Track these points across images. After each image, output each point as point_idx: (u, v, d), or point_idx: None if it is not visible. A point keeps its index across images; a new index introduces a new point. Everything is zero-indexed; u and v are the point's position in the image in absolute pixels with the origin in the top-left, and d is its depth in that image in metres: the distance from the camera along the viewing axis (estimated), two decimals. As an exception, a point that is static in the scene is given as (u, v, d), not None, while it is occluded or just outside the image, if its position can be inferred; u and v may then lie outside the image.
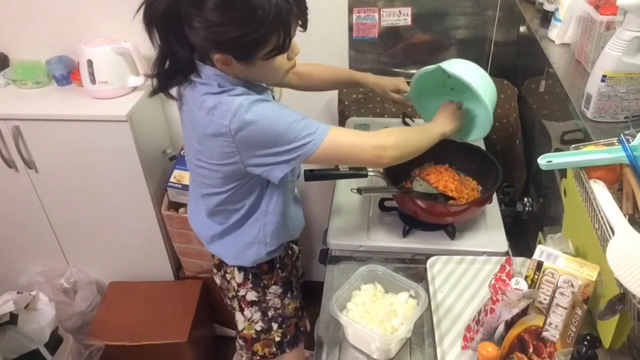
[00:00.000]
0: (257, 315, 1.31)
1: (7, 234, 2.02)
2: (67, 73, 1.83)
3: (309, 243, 2.17)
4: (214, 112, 0.97)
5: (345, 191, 1.42)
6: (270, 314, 1.31)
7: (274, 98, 1.14)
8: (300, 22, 0.97)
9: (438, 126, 1.24)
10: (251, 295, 1.28)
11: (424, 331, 1.07)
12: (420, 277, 1.19)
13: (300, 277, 1.48)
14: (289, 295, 1.33)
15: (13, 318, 1.70)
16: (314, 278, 2.28)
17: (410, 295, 1.07)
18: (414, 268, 1.23)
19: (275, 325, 1.32)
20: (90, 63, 1.67)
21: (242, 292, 1.28)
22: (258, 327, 1.32)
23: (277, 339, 1.33)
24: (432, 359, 1.01)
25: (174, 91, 1.07)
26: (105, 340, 1.88)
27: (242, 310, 1.31)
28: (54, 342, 1.78)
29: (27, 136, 1.74)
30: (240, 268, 1.26)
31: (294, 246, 1.40)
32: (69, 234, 1.99)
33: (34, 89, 1.83)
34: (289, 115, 1.00)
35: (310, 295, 1.52)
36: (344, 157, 1.10)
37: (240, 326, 1.34)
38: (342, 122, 1.80)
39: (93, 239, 1.99)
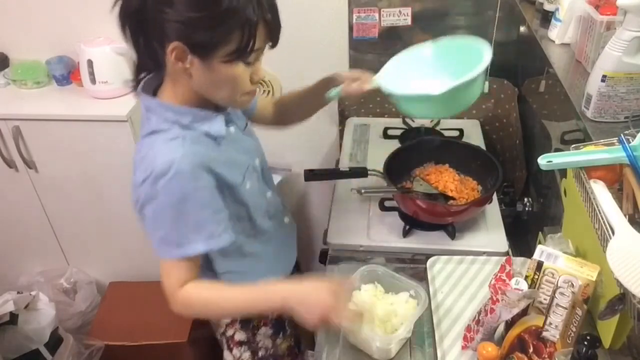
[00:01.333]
0: (247, 355, 1.24)
1: (7, 234, 2.02)
2: (67, 73, 1.83)
3: (309, 243, 2.17)
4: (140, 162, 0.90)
5: (345, 191, 1.42)
6: (260, 354, 1.25)
7: (246, 125, 1.09)
8: (269, 36, 0.90)
9: (277, 301, 0.94)
10: (240, 336, 1.23)
11: (424, 331, 1.07)
12: (420, 277, 1.19)
13: None
14: (280, 335, 1.26)
15: (13, 318, 1.70)
16: (314, 278, 2.28)
17: (411, 295, 1.07)
18: (414, 268, 1.23)
19: None
20: (90, 63, 1.67)
21: (230, 332, 1.22)
22: None
23: None
24: (432, 359, 1.01)
25: None
26: (105, 340, 1.88)
27: (230, 349, 1.25)
28: (54, 342, 1.78)
29: (27, 136, 1.74)
30: None
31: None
32: (69, 234, 1.99)
33: (34, 89, 1.83)
34: (194, 209, 0.90)
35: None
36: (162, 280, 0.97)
37: None
38: (342, 122, 1.80)
39: (93, 239, 1.99)
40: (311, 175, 1.31)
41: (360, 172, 1.32)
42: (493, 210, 1.36)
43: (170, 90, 0.94)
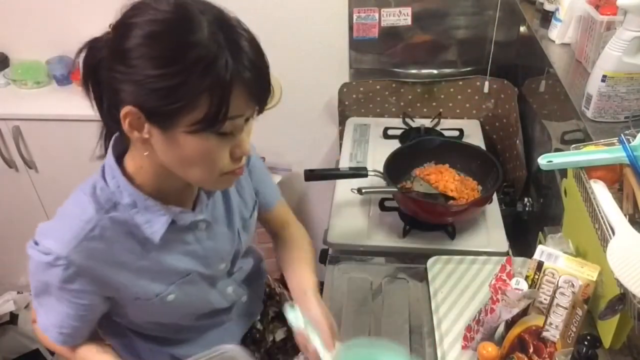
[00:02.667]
0: None
1: (7, 233, 2.02)
2: (67, 73, 1.83)
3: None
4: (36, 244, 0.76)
5: (345, 191, 1.41)
6: None
7: (251, 215, 0.97)
8: (252, 99, 0.69)
9: None
10: None
11: (423, 331, 1.07)
12: (421, 277, 1.19)
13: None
14: None
15: (13, 318, 1.70)
16: (314, 278, 2.28)
17: None
18: (414, 268, 1.23)
19: None
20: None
21: None
22: None
23: None
24: (432, 359, 1.01)
25: None
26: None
27: None
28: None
29: (27, 136, 1.74)
30: None
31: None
32: (69, 234, 1.99)
33: (34, 89, 1.83)
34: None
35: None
36: None
37: None
38: (342, 122, 1.80)
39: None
40: (311, 175, 1.30)
41: (360, 172, 1.32)
42: (493, 210, 1.36)
43: (131, 159, 0.79)
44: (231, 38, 0.66)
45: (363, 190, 1.27)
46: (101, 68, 0.70)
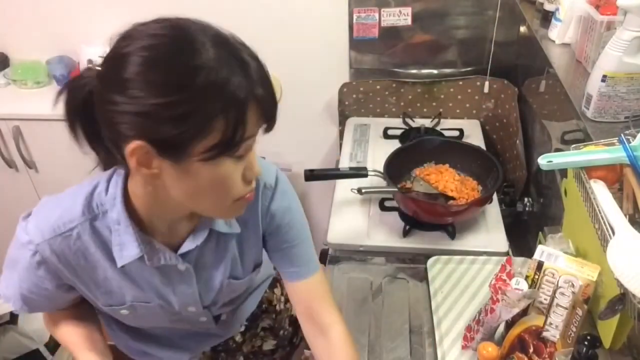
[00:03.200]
0: None
1: (7, 234, 2.01)
2: (67, 73, 1.83)
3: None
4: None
5: (345, 191, 1.41)
6: None
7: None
8: (264, 116, 0.66)
9: None
10: None
11: (423, 331, 1.07)
12: (421, 277, 1.19)
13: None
14: None
15: (13, 318, 1.70)
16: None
17: None
18: (414, 268, 1.23)
19: None
20: (90, 63, 1.67)
21: None
22: None
23: None
24: (432, 359, 1.01)
25: None
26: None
27: None
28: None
29: (27, 136, 1.74)
30: None
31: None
32: (69, 234, 1.99)
33: (34, 89, 1.83)
34: None
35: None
36: None
37: None
38: (342, 122, 1.80)
39: (93, 239, 1.99)
40: (311, 175, 1.30)
41: (360, 172, 1.32)
42: (493, 210, 1.36)
43: (133, 183, 0.74)
44: (237, 56, 0.62)
45: (363, 190, 1.27)
46: (92, 104, 0.65)
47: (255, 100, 0.63)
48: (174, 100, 0.59)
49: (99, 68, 0.66)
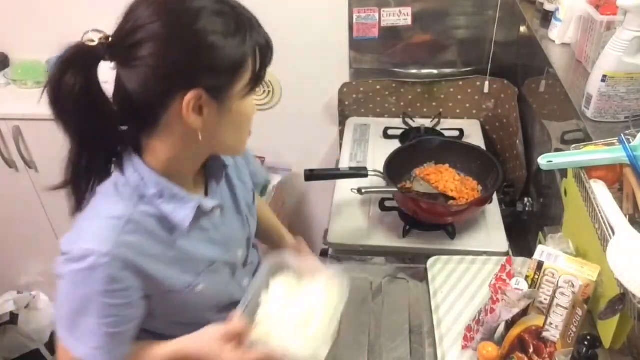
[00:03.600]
0: None
1: (7, 234, 2.02)
2: (67, 73, 1.83)
3: (309, 243, 2.16)
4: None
5: (345, 191, 1.41)
6: None
7: (253, 201, 1.01)
8: (269, 55, 0.79)
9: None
10: None
11: (423, 331, 1.07)
12: (421, 277, 1.19)
13: None
14: None
15: (13, 318, 1.70)
16: (314, 278, 2.28)
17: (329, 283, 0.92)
18: (414, 268, 1.23)
19: None
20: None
21: None
22: None
23: None
24: (432, 359, 1.01)
25: None
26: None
27: None
28: (54, 342, 1.78)
29: (27, 136, 1.74)
30: None
31: None
32: (69, 233, 1.99)
33: (34, 89, 1.83)
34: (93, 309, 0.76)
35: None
36: None
37: None
38: (342, 122, 1.80)
39: (93, 239, 1.99)
40: (311, 175, 1.30)
41: (360, 172, 1.32)
42: (493, 210, 1.36)
43: (151, 153, 0.79)
44: (247, 13, 0.80)
45: (363, 190, 1.27)
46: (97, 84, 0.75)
47: (266, 42, 0.78)
48: (232, 43, 0.72)
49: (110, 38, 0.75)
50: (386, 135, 1.67)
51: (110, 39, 0.75)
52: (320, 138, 1.94)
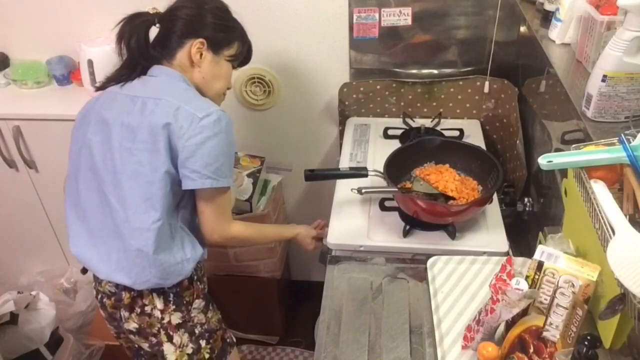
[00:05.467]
0: (185, 338, 1.29)
1: (7, 234, 2.02)
2: (67, 73, 1.83)
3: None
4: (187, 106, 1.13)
5: (345, 191, 1.42)
6: (197, 331, 1.31)
7: None
8: (245, 58, 1.33)
9: (292, 234, 1.46)
10: (176, 318, 1.27)
11: (424, 331, 1.07)
12: (421, 277, 1.19)
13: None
14: (210, 307, 1.35)
15: (13, 318, 1.70)
16: (314, 278, 2.28)
17: None
18: (414, 268, 1.23)
19: (203, 342, 1.32)
20: (90, 63, 1.67)
21: (166, 319, 1.26)
22: (189, 349, 1.30)
23: (207, 355, 1.33)
24: (433, 359, 1.01)
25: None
26: (106, 340, 1.88)
27: (170, 339, 1.28)
28: (54, 342, 1.78)
29: (27, 136, 1.74)
30: (159, 293, 1.24)
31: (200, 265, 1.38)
32: (69, 233, 1.99)
33: (35, 89, 1.83)
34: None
35: (310, 295, 1.52)
36: (211, 212, 1.21)
37: (171, 358, 1.30)
38: (342, 122, 1.80)
39: (93, 239, 1.99)
40: (311, 175, 1.31)
41: (360, 172, 1.32)
42: (493, 210, 1.36)
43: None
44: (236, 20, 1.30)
45: (363, 191, 1.27)
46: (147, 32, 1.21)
47: (248, 47, 1.32)
48: (224, 23, 1.24)
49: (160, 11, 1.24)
50: (386, 135, 1.67)
51: (159, 12, 1.23)
52: (320, 138, 1.94)
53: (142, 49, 1.20)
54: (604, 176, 0.88)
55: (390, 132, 1.67)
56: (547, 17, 1.35)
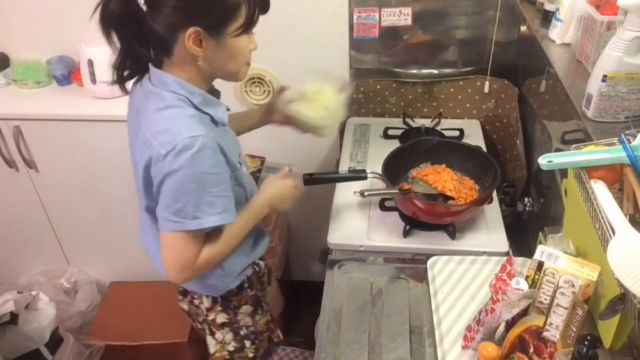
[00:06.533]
0: (229, 336, 1.29)
1: (7, 234, 2.02)
2: (67, 73, 1.83)
3: (309, 243, 2.16)
4: (157, 137, 0.95)
5: (345, 191, 1.42)
6: (242, 332, 1.30)
7: (228, 110, 1.11)
8: (264, 5, 1.00)
9: (266, 208, 1.16)
10: (221, 318, 1.27)
11: (424, 331, 1.07)
12: (421, 277, 1.19)
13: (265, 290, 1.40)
14: (259, 311, 1.31)
15: (13, 318, 1.70)
16: (314, 278, 2.28)
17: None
18: (414, 268, 1.23)
19: (248, 343, 1.31)
20: (90, 63, 1.67)
21: (211, 316, 1.26)
22: (231, 347, 1.30)
23: (251, 354, 1.32)
24: (433, 359, 1.01)
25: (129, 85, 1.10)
26: (106, 340, 1.88)
27: (212, 333, 1.29)
28: (55, 342, 1.78)
29: (27, 136, 1.74)
30: (207, 294, 1.24)
31: (260, 262, 1.31)
32: (69, 233, 1.99)
33: (35, 89, 1.83)
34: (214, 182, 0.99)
35: (310, 295, 1.52)
36: (171, 258, 1.03)
37: (212, 349, 1.31)
38: (342, 122, 1.80)
39: (93, 239, 1.99)
40: (310, 179, 1.30)
41: (359, 174, 1.32)
42: (493, 210, 1.36)
43: (176, 74, 1.00)
44: None
45: (366, 194, 1.27)
46: (137, 16, 0.95)
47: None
48: (219, 1, 0.94)
49: None
50: (386, 136, 1.67)
51: None
52: (321, 138, 1.94)
53: (134, 51, 1.02)
54: (604, 176, 0.88)
55: (390, 132, 1.67)
56: (547, 17, 1.35)
